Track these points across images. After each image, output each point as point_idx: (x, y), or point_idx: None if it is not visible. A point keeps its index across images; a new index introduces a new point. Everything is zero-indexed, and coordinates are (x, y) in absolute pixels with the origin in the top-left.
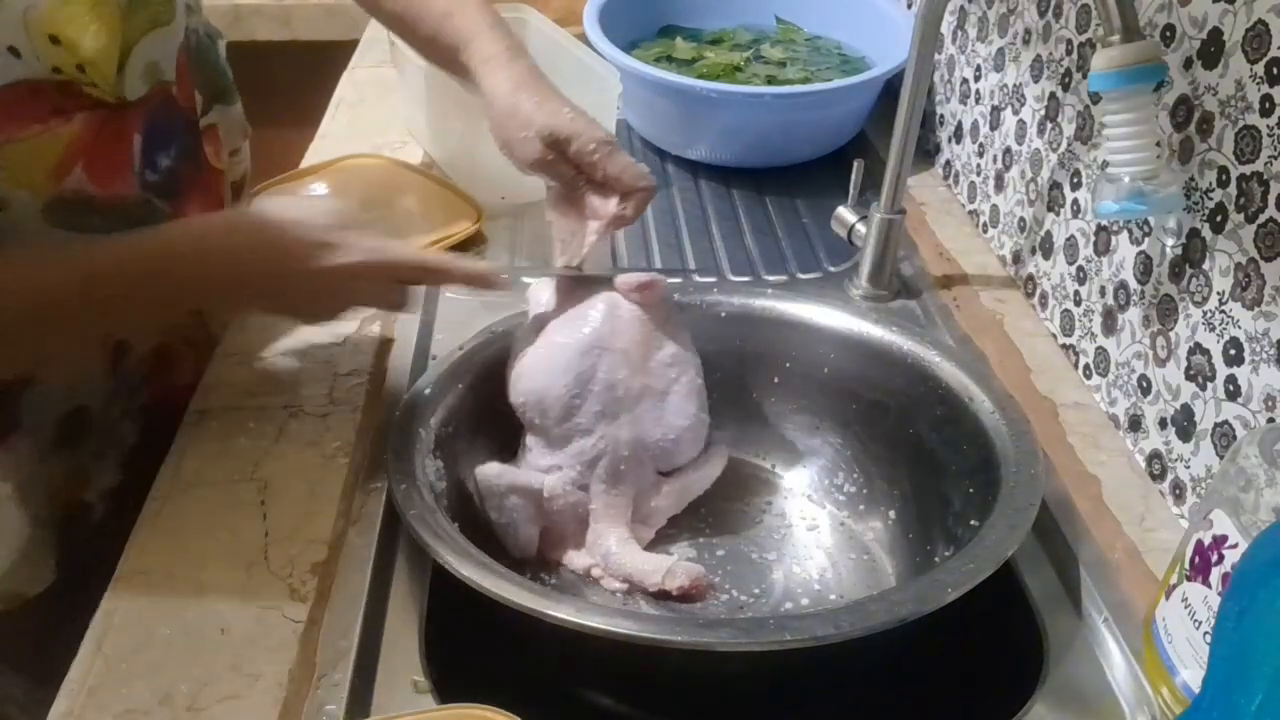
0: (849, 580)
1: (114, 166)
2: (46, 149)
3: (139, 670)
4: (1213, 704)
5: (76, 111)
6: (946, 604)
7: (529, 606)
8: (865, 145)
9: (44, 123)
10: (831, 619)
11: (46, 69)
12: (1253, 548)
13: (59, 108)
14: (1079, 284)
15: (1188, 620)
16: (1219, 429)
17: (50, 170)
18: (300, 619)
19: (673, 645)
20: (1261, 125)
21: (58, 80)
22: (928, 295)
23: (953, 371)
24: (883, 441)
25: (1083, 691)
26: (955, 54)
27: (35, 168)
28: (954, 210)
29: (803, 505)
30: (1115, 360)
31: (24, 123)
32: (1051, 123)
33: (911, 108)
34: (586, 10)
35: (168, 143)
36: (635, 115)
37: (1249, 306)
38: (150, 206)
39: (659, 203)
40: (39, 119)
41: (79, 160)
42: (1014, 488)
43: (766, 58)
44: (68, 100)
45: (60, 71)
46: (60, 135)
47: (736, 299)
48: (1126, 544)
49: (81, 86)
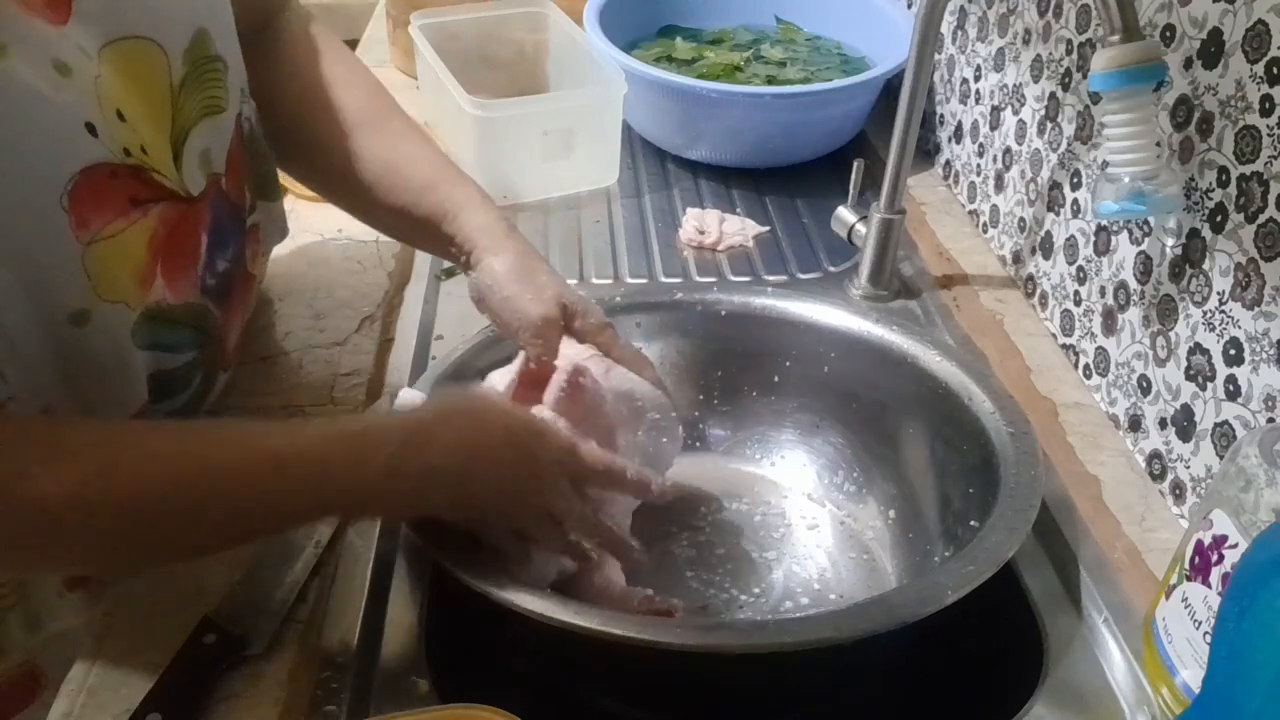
0: (849, 580)
1: (184, 269)
2: (132, 247)
3: (139, 670)
4: (1213, 704)
5: (152, 203)
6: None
7: (529, 609)
8: (865, 145)
9: (125, 215)
10: (831, 621)
11: (120, 150)
12: (1253, 548)
13: (135, 197)
14: (1079, 284)
15: (1188, 620)
16: (1219, 429)
17: (139, 276)
18: (300, 619)
19: (672, 647)
20: (1261, 125)
21: (130, 164)
22: (928, 295)
23: (953, 371)
24: (883, 441)
25: (1083, 691)
26: (955, 54)
27: (124, 272)
28: (954, 210)
29: (803, 505)
30: (1115, 360)
31: (107, 214)
32: (1051, 123)
33: (911, 108)
34: (586, 10)
35: (226, 242)
36: (635, 115)
37: (1249, 306)
38: (209, 315)
39: (659, 203)
40: (120, 211)
41: (158, 262)
42: (1014, 488)
43: (766, 58)
44: (143, 188)
45: (130, 154)
46: (140, 231)
47: (736, 298)
48: (1126, 544)
49: (153, 174)
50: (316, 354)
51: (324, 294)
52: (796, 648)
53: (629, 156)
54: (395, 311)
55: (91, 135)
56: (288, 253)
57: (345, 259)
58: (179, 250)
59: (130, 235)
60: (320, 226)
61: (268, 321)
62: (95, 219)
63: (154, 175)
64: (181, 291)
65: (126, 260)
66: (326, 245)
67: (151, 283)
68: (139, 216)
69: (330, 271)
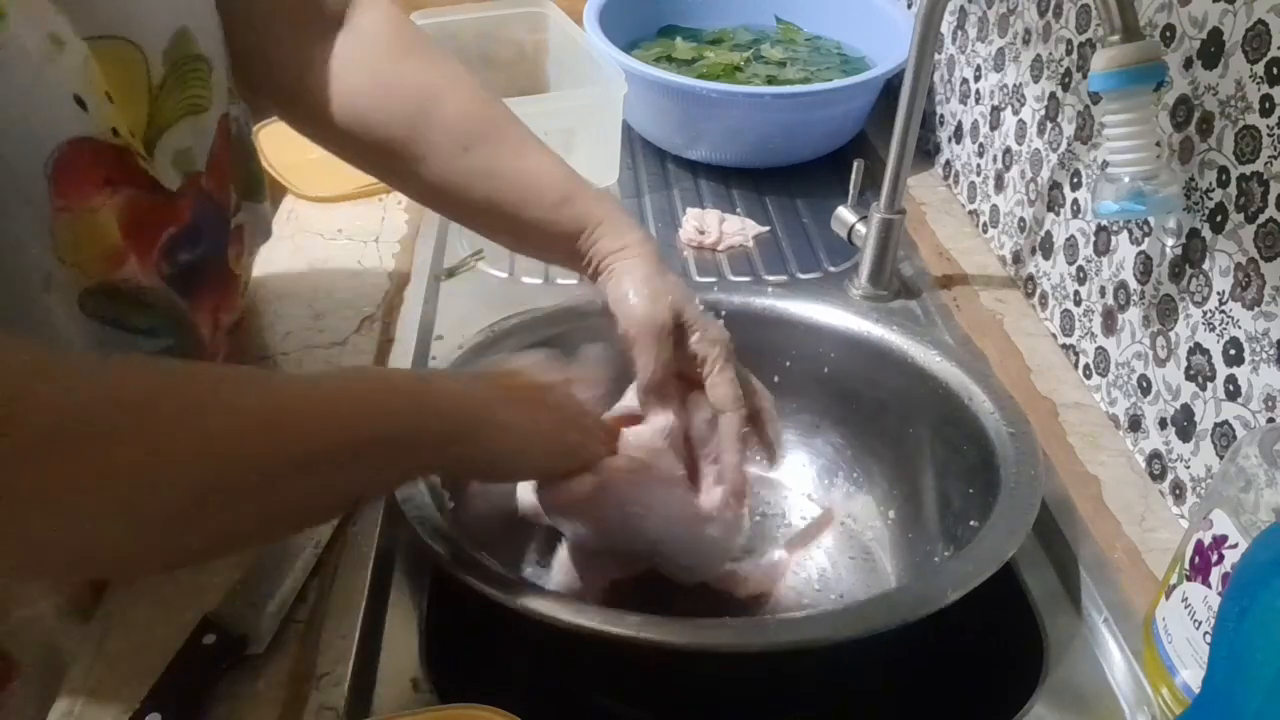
0: (849, 580)
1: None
2: (105, 224)
3: (139, 670)
4: (1213, 704)
5: (125, 186)
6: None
7: (529, 609)
8: (865, 145)
9: (99, 192)
10: (830, 621)
11: (108, 129)
12: (1253, 548)
13: (110, 177)
14: (1079, 284)
15: (1188, 620)
16: (1219, 429)
17: (108, 252)
18: (300, 619)
19: (672, 647)
20: (1261, 125)
21: (115, 144)
22: (928, 295)
23: (953, 371)
24: (883, 441)
25: (1083, 691)
26: (955, 54)
27: (93, 247)
28: (954, 210)
29: (803, 505)
30: (1115, 360)
31: (84, 189)
32: (1051, 123)
33: (911, 108)
34: (586, 10)
35: (196, 239)
36: (635, 115)
37: (1249, 306)
38: (175, 304)
39: (659, 203)
40: (96, 186)
41: (130, 245)
42: (1014, 488)
43: (766, 58)
44: (120, 171)
45: (118, 135)
46: (110, 211)
47: (736, 298)
48: (1126, 544)
49: (137, 157)
50: (316, 354)
51: (324, 294)
52: (796, 648)
53: (629, 156)
54: (395, 311)
55: (81, 109)
56: (288, 253)
57: (345, 259)
58: (145, 237)
59: (103, 214)
60: (320, 226)
61: (268, 321)
62: (76, 189)
63: (137, 159)
64: (150, 275)
65: (96, 236)
66: (327, 245)
67: (124, 261)
68: (107, 195)
69: (330, 271)
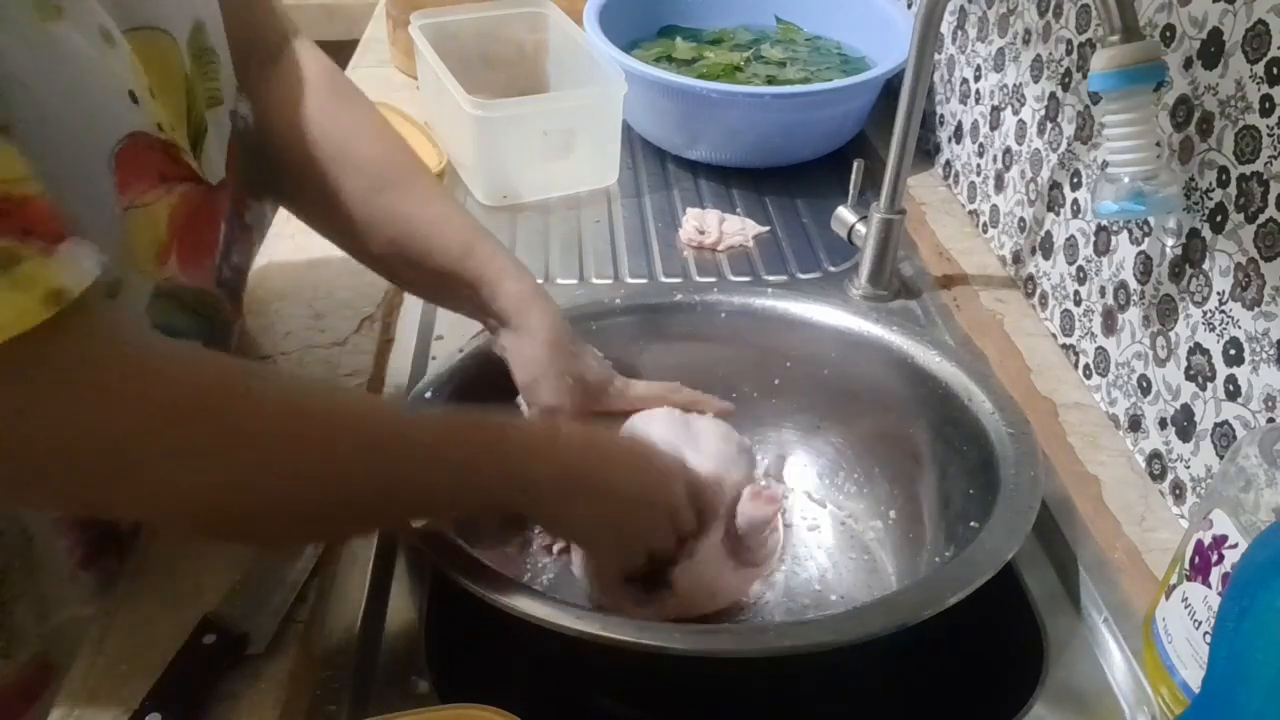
0: (849, 580)
1: (200, 255)
2: (157, 220)
3: (139, 670)
4: (1213, 704)
5: (177, 182)
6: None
7: (528, 613)
8: (865, 145)
9: (155, 188)
10: (831, 625)
11: (154, 124)
12: (1253, 548)
13: (164, 173)
14: (1079, 284)
15: (1188, 620)
16: (1219, 429)
17: (156, 250)
18: (300, 619)
19: (673, 651)
20: (1261, 125)
21: (163, 139)
22: (928, 295)
23: (953, 371)
24: (883, 441)
25: (1083, 691)
26: (955, 54)
27: (145, 243)
28: (954, 210)
29: (804, 505)
30: (1115, 360)
31: (144, 183)
32: (1051, 123)
33: (911, 108)
34: (586, 10)
35: (237, 237)
36: (635, 115)
37: (1249, 306)
38: (222, 308)
39: (658, 203)
40: (152, 183)
41: (175, 241)
42: (1014, 489)
43: (766, 58)
44: (171, 166)
45: (163, 130)
46: (164, 207)
47: (737, 299)
48: (1126, 544)
49: (181, 152)
50: (316, 354)
51: (324, 294)
52: (796, 652)
53: (629, 156)
54: (395, 311)
55: (134, 103)
56: (288, 252)
57: (345, 259)
58: (197, 235)
59: (158, 209)
60: None
61: (268, 321)
62: (135, 184)
63: (182, 154)
64: (196, 276)
65: (148, 231)
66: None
67: (167, 259)
68: (163, 192)
69: (330, 271)
